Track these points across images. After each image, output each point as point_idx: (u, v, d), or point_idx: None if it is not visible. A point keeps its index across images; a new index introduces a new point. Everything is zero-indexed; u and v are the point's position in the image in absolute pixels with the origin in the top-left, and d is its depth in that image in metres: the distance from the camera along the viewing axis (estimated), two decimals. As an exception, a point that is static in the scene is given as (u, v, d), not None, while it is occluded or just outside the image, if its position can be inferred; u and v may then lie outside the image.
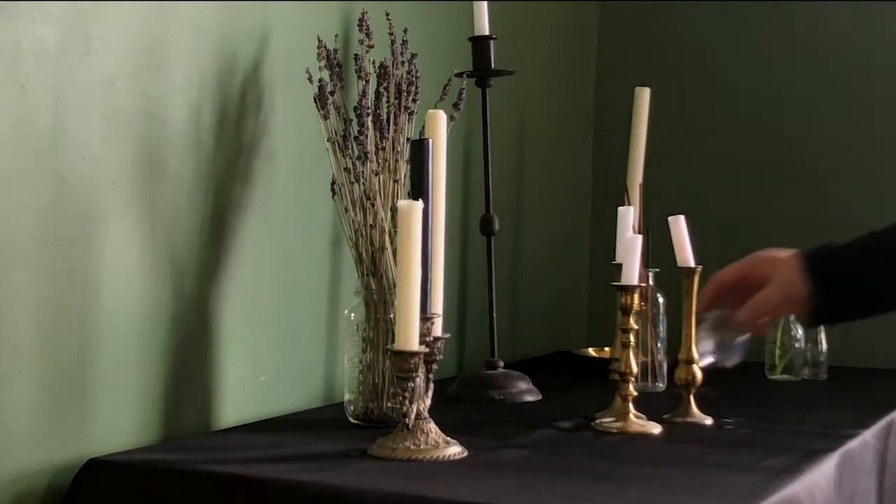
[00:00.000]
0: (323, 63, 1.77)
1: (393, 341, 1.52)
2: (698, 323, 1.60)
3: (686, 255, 1.84)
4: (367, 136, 1.74)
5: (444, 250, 1.61)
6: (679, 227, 1.85)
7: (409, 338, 1.49)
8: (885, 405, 1.99)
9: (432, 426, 1.55)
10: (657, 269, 2.10)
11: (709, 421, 1.82)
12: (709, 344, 1.59)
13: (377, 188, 1.74)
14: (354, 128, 1.74)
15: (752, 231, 2.70)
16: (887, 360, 2.54)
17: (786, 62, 2.70)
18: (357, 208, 1.75)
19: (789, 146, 2.69)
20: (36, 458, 1.50)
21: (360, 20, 1.80)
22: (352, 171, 1.75)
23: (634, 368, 1.76)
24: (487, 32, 2.06)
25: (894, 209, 2.58)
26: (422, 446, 1.53)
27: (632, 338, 1.76)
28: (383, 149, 1.75)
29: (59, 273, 1.52)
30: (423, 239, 1.51)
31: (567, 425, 1.77)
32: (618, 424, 1.74)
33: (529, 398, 2.00)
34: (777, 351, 2.32)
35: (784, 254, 1.52)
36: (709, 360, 1.60)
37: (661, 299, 2.12)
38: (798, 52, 2.69)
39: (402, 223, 1.50)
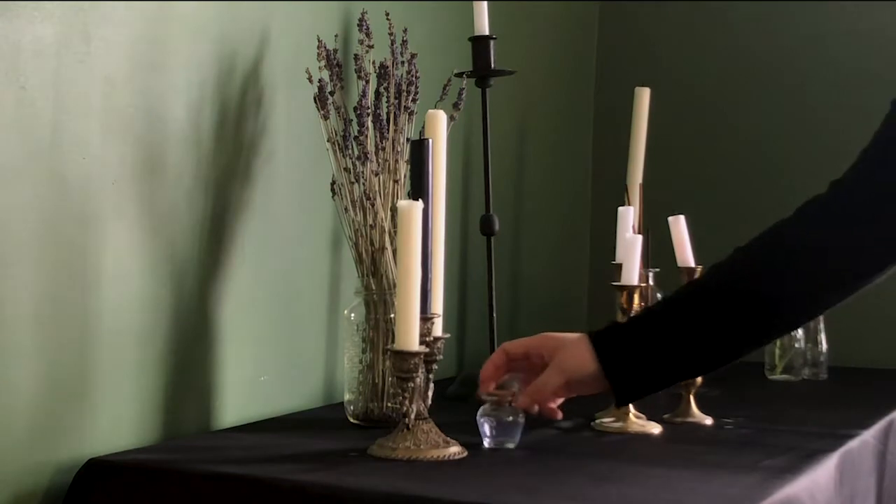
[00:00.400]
0: (323, 63, 1.77)
1: (393, 341, 1.52)
2: (481, 403, 1.62)
3: (686, 255, 1.84)
4: (367, 136, 1.74)
5: (444, 250, 1.61)
6: (679, 227, 1.85)
7: (409, 338, 1.49)
8: (885, 405, 1.99)
9: (432, 426, 1.55)
10: (657, 269, 2.10)
11: (709, 421, 1.83)
12: (487, 426, 1.60)
13: (377, 188, 1.74)
14: (354, 128, 1.74)
15: (751, 231, 2.70)
16: (887, 360, 2.54)
17: (786, 62, 2.70)
18: (357, 208, 1.75)
19: (789, 146, 2.69)
20: (36, 458, 1.50)
21: (360, 20, 1.80)
22: (352, 171, 1.75)
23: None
24: (487, 32, 2.06)
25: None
26: (422, 446, 1.53)
27: (632, 338, 1.76)
28: (383, 149, 1.75)
29: (59, 273, 1.52)
30: (423, 239, 1.51)
31: (567, 425, 1.77)
32: (618, 424, 1.74)
33: (529, 398, 1.99)
34: (777, 351, 2.32)
35: (571, 336, 1.52)
36: (487, 441, 1.60)
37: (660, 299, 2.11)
38: (798, 51, 2.69)
39: (402, 223, 1.50)
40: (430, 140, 1.59)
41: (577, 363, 1.48)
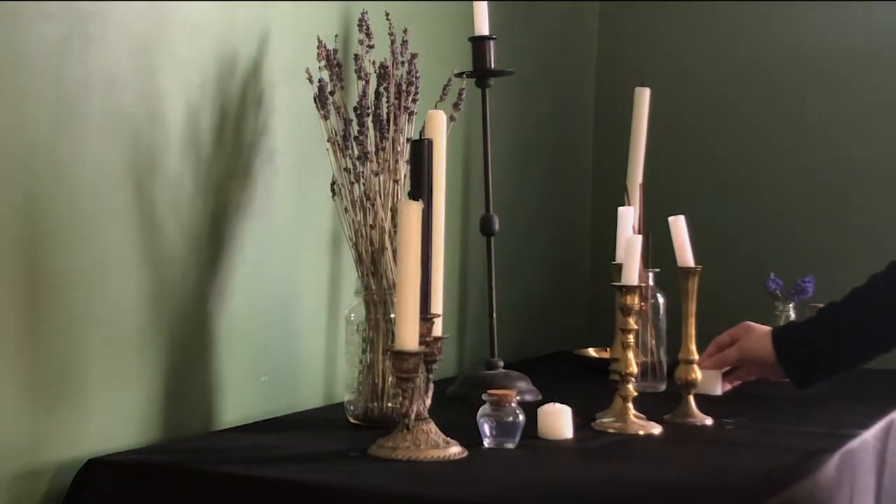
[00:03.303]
0: (323, 63, 1.77)
1: (393, 341, 1.52)
2: (481, 403, 1.63)
3: (686, 255, 1.84)
4: (367, 136, 1.74)
5: (444, 250, 1.60)
6: (679, 227, 1.85)
7: (409, 338, 1.49)
8: (885, 405, 1.99)
9: (432, 426, 1.55)
10: (657, 269, 2.10)
11: (709, 421, 1.82)
12: (487, 426, 1.60)
13: (377, 188, 1.74)
14: (354, 128, 1.74)
15: (752, 231, 2.71)
16: (887, 360, 2.53)
17: (785, 62, 2.70)
18: (357, 208, 1.75)
19: (789, 145, 2.69)
20: (36, 458, 1.50)
21: (360, 20, 1.80)
22: (352, 171, 1.75)
23: (634, 368, 1.76)
24: (487, 32, 2.06)
25: (893, 206, 2.58)
26: (422, 446, 1.52)
27: (632, 338, 1.76)
28: (383, 149, 1.74)
29: (59, 273, 1.52)
30: (423, 239, 1.51)
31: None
32: (618, 424, 1.74)
33: (529, 398, 2.00)
34: (777, 351, 2.31)
35: (762, 328, 1.90)
36: (487, 441, 1.60)
37: (661, 299, 2.12)
38: (797, 51, 2.69)
39: (402, 223, 1.50)
40: (430, 140, 1.59)
41: (756, 347, 1.87)
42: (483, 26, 2.06)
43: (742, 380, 1.94)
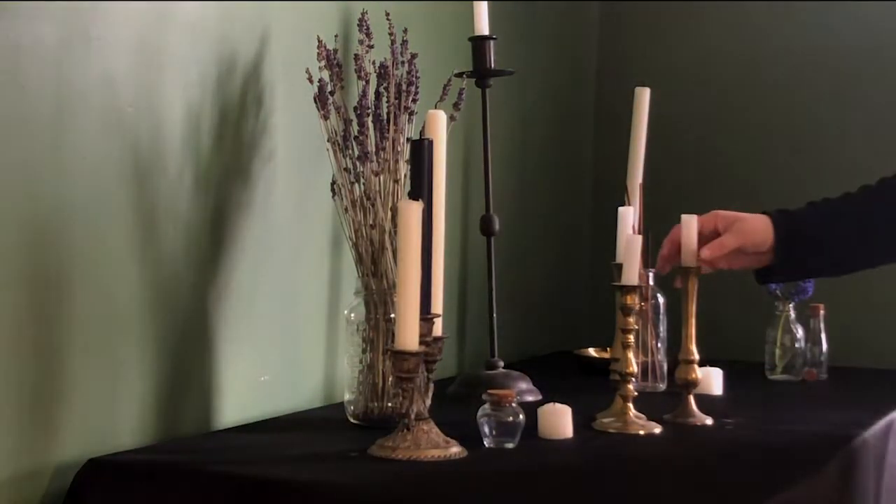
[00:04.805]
0: (323, 63, 1.77)
1: (393, 341, 1.52)
2: (481, 403, 1.63)
3: (691, 255, 1.83)
4: (367, 136, 1.74)
5: (444, 250, 1.60)
6: (691, 226, 1.82)
7: (409, 338, 1.49)
8: (885, 405, 1.99)
9: (432, 426, 1.55)
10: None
11: (709, 421, 1.82)
12: (487, 426, 1.60)
13: (377, 188, 1.74)
14: (354, 128, 1.74)
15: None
16: (887, 360, 2.54)
17: (785, 62, 2.70)
18: (357, 208, 1.75)
19: (789, 145, 2.69)
20: (36, 458, 1.50)
21: (360, 20, 1.80)
22: (352, 171, 1.75)
23: (634, 368, 1.76)
24: (487, 32, 2.06)
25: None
26: (422, 446, 1.52)
27: (631, 338, 1.76)
28: (383, 149, 1.75)
29: (60, 273, 1.52)
30: (423, 239, 1.51)
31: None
32: (618, 424, 1.74)
33: (529, 398, 2.00)
34: (777, 351, 2.32)
35: (749, 214, 1.74)
36: (487, 441, 1.60)
37: (661, 299, 2.12)
38: (798, 51, 2.69)
39: (402, 223, 1.50)
40: (430, 140, 1.59)
41: (754, 232, 1.69)
42: (483, 26, 2.07)
43: (724, 268, 1.74)
